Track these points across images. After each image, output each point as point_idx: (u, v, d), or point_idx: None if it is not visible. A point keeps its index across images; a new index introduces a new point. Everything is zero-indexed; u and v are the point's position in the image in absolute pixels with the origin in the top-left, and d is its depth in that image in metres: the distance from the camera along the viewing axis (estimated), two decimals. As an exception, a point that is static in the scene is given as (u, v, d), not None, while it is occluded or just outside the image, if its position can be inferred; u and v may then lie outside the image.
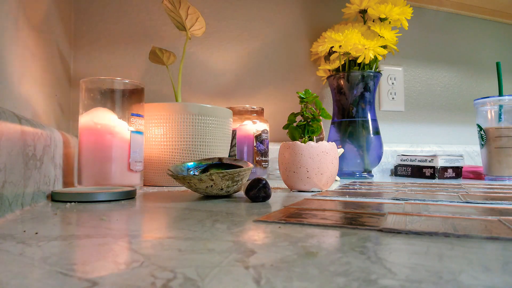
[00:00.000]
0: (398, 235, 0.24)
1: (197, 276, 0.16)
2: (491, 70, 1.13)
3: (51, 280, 0.15)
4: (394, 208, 0.35)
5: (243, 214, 0.32)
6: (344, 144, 0.85)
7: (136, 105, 0.57)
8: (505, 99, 0.80)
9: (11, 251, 0.19)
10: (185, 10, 0.66)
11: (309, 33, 1.03)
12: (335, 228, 0.26)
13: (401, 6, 0.86)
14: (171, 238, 0.23)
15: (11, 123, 0.31)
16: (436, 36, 1.19)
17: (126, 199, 0.43)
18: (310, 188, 0.53)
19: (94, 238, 0.23)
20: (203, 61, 0.92)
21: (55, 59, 0.65)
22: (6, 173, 0.29)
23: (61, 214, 0.32)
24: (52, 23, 0.62)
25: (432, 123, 1.18)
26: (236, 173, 0.43)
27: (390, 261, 0.18)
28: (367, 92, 0.86)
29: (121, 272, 0.16)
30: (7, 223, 0.27)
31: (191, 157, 0.64)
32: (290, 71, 1.01)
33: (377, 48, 0.82)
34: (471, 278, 0.15)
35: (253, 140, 0.78)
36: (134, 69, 0.86)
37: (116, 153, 0.53)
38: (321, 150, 0.52)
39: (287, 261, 0.18)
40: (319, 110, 0.57)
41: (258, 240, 0.22)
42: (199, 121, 0.64)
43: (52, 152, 0.44)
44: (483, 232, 0.24)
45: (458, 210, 0.34)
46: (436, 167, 0.86)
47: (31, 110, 0.49)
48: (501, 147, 0.79)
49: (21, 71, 0.44)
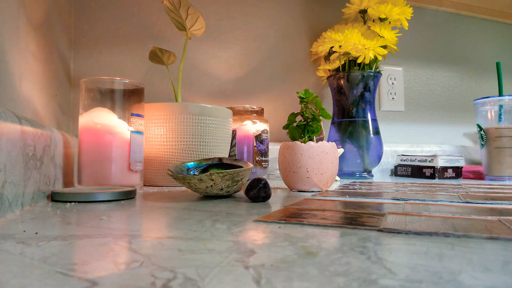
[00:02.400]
0: (398, 235, 0.24)
1: (197, 276, 0.16)
2: (491, 70, 1.13)
3: (51, 280, 0.15)
4: (394, 208, 0.35)
5: (243, 214, 0.32)
6: (344, 144, 0.85)
7: (136, 105, 0.57)
8: (505, 99, 0.80)
9: (11, 251, 0.19)
10: (185, 10, 0.66)
11: (309, 33, 1.03)
12: (335, 228, 0.26)
13: (401, 6, 0.86)
14: (171, 238, 0.23)
15: (11, 123, 0.31)
16: (436, 36, 1.19)
17: (126, 199, 0.43)
18: (310, 188, 0.53)
19: (94, 238, 0.23)
20: (203, 61, 0.92)
21: (55, 59, 0.65)
22: (6, 173, 0.29)
23: (61, 214, 0.32)
24: (52, 23, 0.62)
25: (432, 123, 1.18)
26: (236, 173, 0.43)
27: (390, 261, 0.18)
28: (367, 92, 0.86)
29: (121, 272, 0.16)
30: (7, 223, 0.27)
31: (191, 157, 0.64)
32: (290, 71, 1.01)
33: (377, 48, 0.82)
34: (471, 278, 0.15)
35: (253, 140, 0.78)
36: (134, 69, 0.86)
37: (116, 153, 0.53)
38: (321, 150, 0.52)
39: (287, 261, 0.18)
40: (319, 110, 0.57)
41: (258, 240, 0.22)
42: (199, 121, 0.64)
43: (52, 152, 0.44)
44: (483, 232, 0.24)
45: (458, 210, 0.34)
46: (436, 167, 0.86)
47: (31, 110, 0.49)
48: (501, 147, 0.79)
49: (21, 71, 0.44)
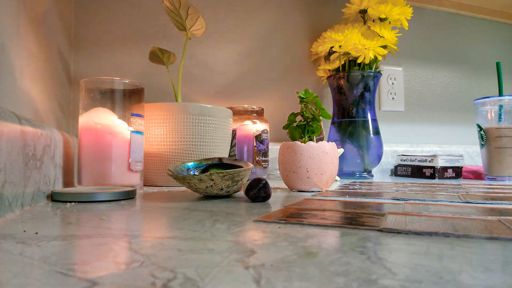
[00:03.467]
0: (398, 235, 0.24)
1: (197, 276, 0.16)
2: (491, 70, 1.13)
3: (51, 280, 0.15)
4: (394, 208, 0.35)
5: (243, 214, 0.32)
6: (344, 144, 0.85)
7: (136, 105, 0.57)
8: (505, 99, 0.80)
9: (11, 251, 0.19)
10: (185, 10, 0.66)
11: (309, 33, 1.03)
12: (335, 228, 0.26)
13: (401, 6, 0.86)
14: (171, 238, 0.23)
15: (11, 123, 0.31)
16: (436, 36, 1.19)
17: (126, 199, 0.43)
18: (310, 188, 0.53)
19: (94, 238, 0.23)
20: (203, 61, 0.92)
21: (55, 59, 0.65)
22: (6, 173, 0.29)
23: (61, 214, 0.32)
24: (52, 23, 0.62)
25: (432, 123, 1.18)
26: (236, 173, 0.43)
27: (390, 261, 0.18)
28: (367, 92, 0.86)
29: (121, 272, 0.16)
30: (7, 223, 0.27)
31: (191, 157, 0.64)
32: (290, 71, 1.01)
33: (377, 48, 0.82)
34: (471, 278, 0.15)
35: (253, 140, 0.78)
36: (134, 69, 0.86)
37: (116, 153, 0.53)
38: (321, 150, 0.52)
39: (287, 261, 0.18)
40: (319, 110, 0.57)
41: (258, 240, 0.22)
42: (199, 121, 0.64)
43: (52, 152, 0.44)
44: (483, 232, 0.24)
45: (458, 210, 0.34)
46: (436, 167, 0.86)
47: (31, 110, 0.49)
48: (501, 147, 0.79)
49: (21, 71, 0.44)
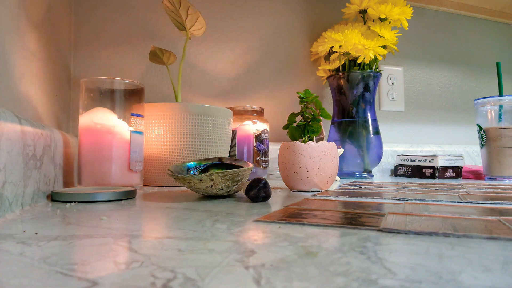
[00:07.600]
0: (398, 235, 0.24)
1: (197, 276, 0.16)
2: (491, 70, 1.14)
3: (51, 280, 0.15)
4: (394, 208, 0.35)
5: (243, 214, 0.32)
6: (344, 144, 0.85)
7: (136, 105, 0.57)
8: (505, 99, 0.80)
9: (11, 251, 0.19)
10: (185, 10, 0.66)
11: (309, 33, 1.03)
12: (335, 228, 0.26)
13: (401, 6, 0.86)
14: (171, 238, 0.23)
15: (11, 123, 0.31)
16: (436, 36, 1.19)
17: (126, 199, 0.43)
18: (310, 188, 0.53)
19: (94, 238, 0.23)
20: (203, 61, 0.92)
21: (55, 59, 0.65)
22: (6, 173, 0.29)
23: (61, 214, 0.32)
24: (52, 23, 0.62)
25: (432, 123, 1.18)
26: (236, 173, 0.43)
27: (390, 261, 0.18)
28: (367, 92, 0.86)
29: (121, 272, 0.16)
30: (7, 223, 0.27)
31: (191, 157, 0.64)
32: (290, 71, 1.01)
33: (377, 48, 0.82)
34: (471, 278, 0.15)
35: (253, 140, 0.78)
36: (134, 69, 0.86)
37: (116, 153, 0.53)
38: (321, 150, 0.52)
39: (287, 261, 0.18)
40: (319, 110, 0.57)
41: (258, 240, 0.22)
42: (199, 121, 0.64)
43: (52, 152, 0.44)
44: (483, 232, 0.24)
45: (458, 210, 0.34)
46: (436, 167, 0.86)
47: (31, 110, 0.49)
48: (501, 147, 0.79)
49: (21, 71, 0.44)
